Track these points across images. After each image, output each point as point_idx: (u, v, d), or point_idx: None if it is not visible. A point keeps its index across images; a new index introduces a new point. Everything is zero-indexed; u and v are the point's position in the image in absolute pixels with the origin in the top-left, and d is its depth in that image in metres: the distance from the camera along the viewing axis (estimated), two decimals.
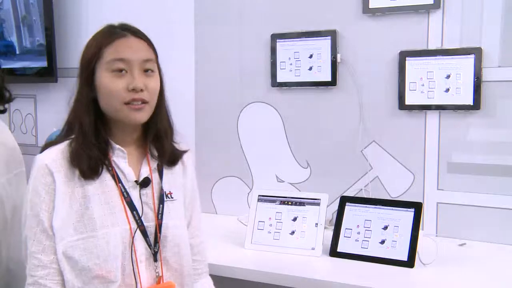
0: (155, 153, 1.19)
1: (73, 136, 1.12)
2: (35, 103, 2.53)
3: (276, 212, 1.67)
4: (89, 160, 1.09)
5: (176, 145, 1.23)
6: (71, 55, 2.36)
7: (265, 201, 1.69)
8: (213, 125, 2.08)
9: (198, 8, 2.08)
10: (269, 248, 1.61)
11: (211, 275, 1.50)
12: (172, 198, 1.21)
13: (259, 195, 1.70)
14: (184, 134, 1.29)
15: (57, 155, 1.09)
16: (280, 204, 1.67)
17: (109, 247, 1.07)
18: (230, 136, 2.05)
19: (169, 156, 1.21)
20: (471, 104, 1.67)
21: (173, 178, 1.22)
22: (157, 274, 1.14)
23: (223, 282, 1.54)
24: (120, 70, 1.09)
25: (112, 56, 1.09)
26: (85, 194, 1.09)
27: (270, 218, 1.66)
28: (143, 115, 1.11)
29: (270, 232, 1.64)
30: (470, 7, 1.67)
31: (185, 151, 1.25)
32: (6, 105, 1.49)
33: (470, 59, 1.66)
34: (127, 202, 1.12)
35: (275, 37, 1.94)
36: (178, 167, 1.24)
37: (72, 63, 2.36)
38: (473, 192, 1.70)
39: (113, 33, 1.11)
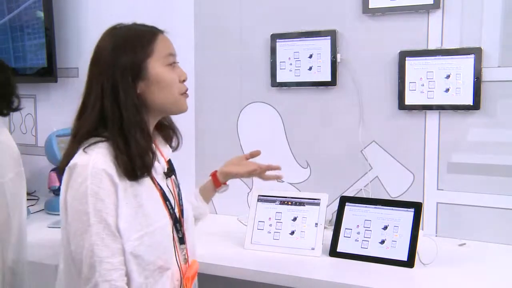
0: (163, 141, 1.28)
1: (103, 137, 1.10)
2: (35, 103, 2.52)
3: (276, 212, 1.67)
4: (150, 162, 1.14)
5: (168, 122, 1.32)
6: (71, 55, 2.36)
7: (265, 201, 1.69)
8: (213, 125, 2.08)
9: (197, 8, 2.08)
10: (269, 248, 1.61)
11: (211, 275, 1.50)
12: (179, 183, 1.30)
13: (259, 195, 1.70)
14: (184, 134, 1.32)
15: (106, 157, 1.07)
16: (280, 204, 1.67)
17: (165, 239, 1.15)
18: (230, 136, 2.05)
19: (177, 130, 1.31)
20: (471, 104, 1.67)
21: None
22: (184, 256, 1.22)
23: (223, 282, 1.54)
24: (173, 63, 1.18)
25: (167, 51, 1.17)
26: (135, 192, 1.10)
27: (270, 218, 1.66)
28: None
29: (270, 232, 1.64)
30: (470, 7, 1.67)
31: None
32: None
33: (470, 59, 1.66)
34: (162, 194, 1.17)
35: (275, 37, 1.93)
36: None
37: (72, 63, 2.37)
38: (473, 192, 1.70)
39: (152, 29, 1.18)
